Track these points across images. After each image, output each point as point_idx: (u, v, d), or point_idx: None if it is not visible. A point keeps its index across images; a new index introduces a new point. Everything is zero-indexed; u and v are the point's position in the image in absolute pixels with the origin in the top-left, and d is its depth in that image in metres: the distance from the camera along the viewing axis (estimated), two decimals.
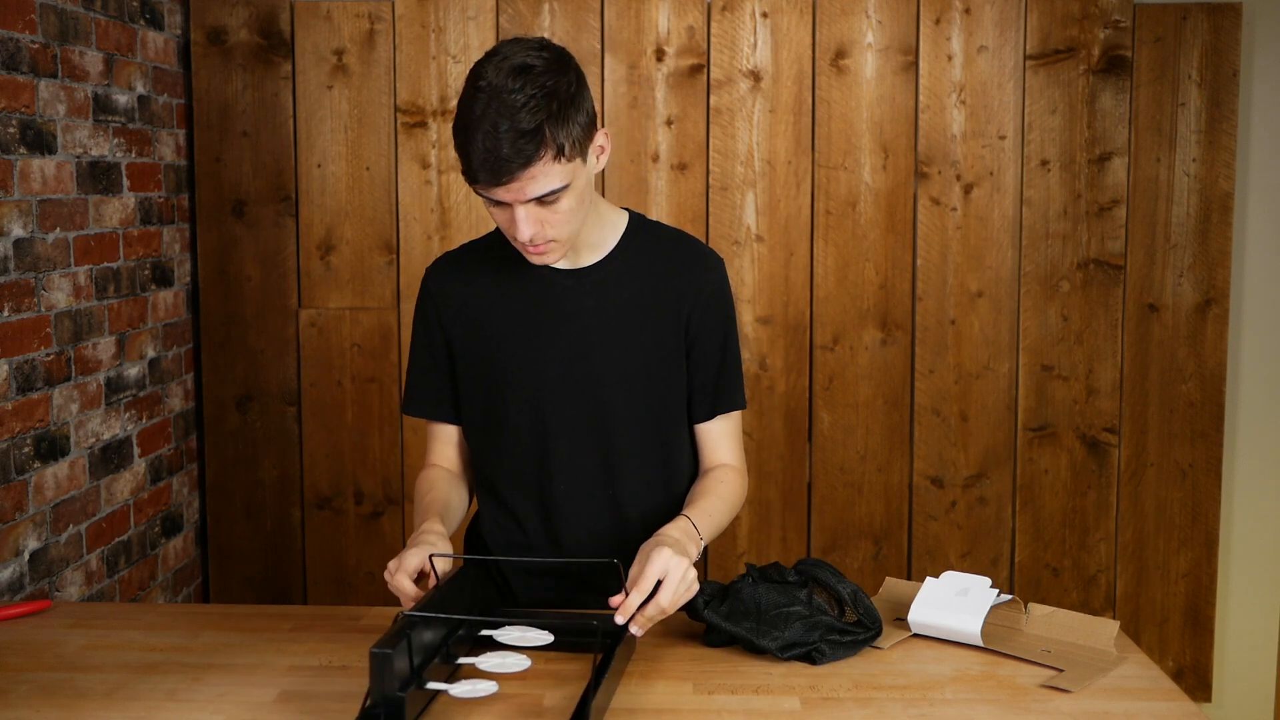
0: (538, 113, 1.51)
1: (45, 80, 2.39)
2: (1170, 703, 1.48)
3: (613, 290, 1.74)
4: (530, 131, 1.51)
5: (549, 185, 1.55)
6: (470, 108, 1.54)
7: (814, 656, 1.59)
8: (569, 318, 1.74)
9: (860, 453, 3.13)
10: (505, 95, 1.51)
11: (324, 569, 3.15)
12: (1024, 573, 3.16)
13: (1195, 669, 3.19)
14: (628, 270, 1.75)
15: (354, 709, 1.44)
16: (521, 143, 1.51)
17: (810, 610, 1.61)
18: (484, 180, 1.54)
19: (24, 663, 1.59)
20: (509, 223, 1.60)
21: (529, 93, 1.52)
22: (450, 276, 1.80)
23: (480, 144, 1.51)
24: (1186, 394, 3.12)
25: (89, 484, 2.57)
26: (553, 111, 1.53)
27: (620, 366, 1.74)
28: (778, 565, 1.71)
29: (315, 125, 3.06)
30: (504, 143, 1.50)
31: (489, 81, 1.53)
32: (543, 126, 1.51)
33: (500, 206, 1.58)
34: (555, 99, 1.53)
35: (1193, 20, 3.03)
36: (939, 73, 3.04)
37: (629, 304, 1.74)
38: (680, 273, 1.76)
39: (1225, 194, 3.08)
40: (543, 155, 1.52)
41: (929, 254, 3.08)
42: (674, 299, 1.75)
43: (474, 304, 1.77)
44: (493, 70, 1.54)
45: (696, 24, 3.03)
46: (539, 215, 1.58)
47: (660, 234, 1.80)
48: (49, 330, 2.41)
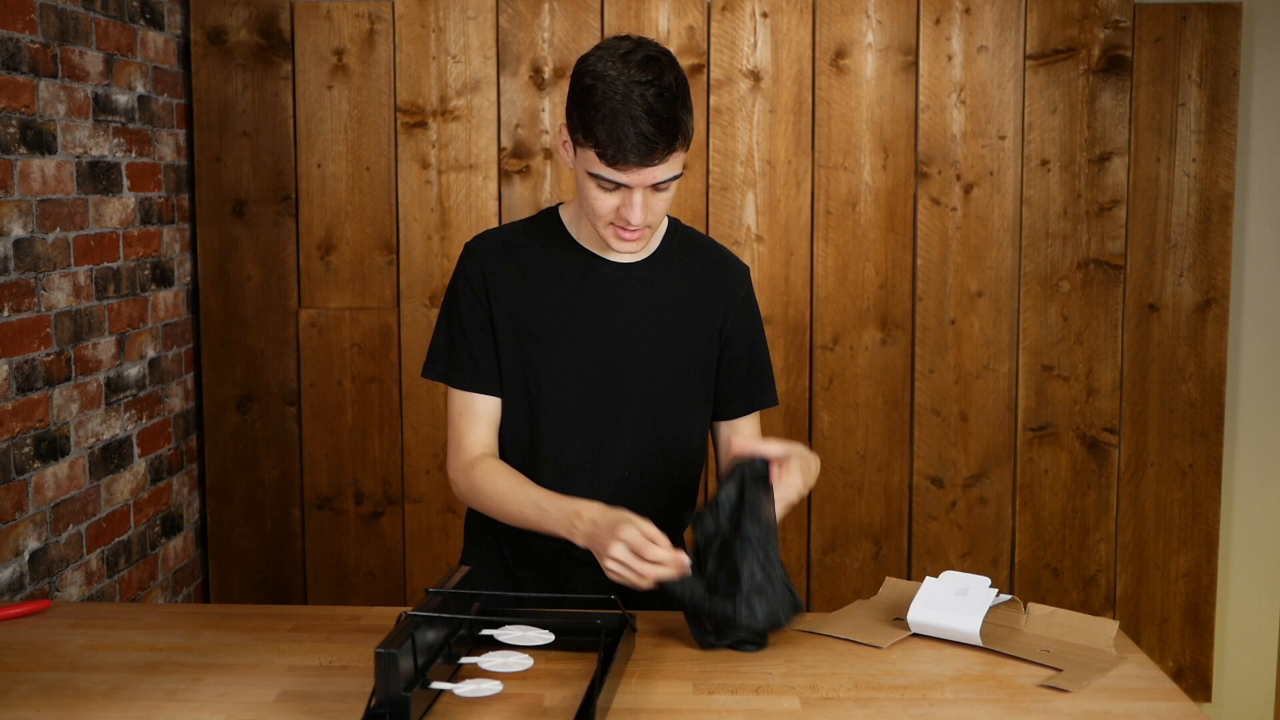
0: (674, 101, 1.60)
1: (45, 80, 2.39)
2: (1170, 703, 1.48)
3: (655, 287, 1.80)
4: (670, 120, 1.59)
5: (673, 171, 1.64)
6: (605, 93, 1.59)
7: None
8: (612, 307, 1.78)
9: (860, 453, 3.13)
10: (642, 85, 1.59)
11: (324, 569, 3.15)
12: (1024, 573, 3.16)
13: (1195, 669, 3.19)
14: (669, 271, 1.81)
15: (354, 709, 1.44)
16: (668, 126, 1.59)
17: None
18: (634, 161, 1.59)
19: (24, 663, 1.59)
20: (618, 207, 1.65)
21: (666, 82, 1.60)
22: (495, 252, 1.81)
23: (629, 127, 1.58)
24: (1186, 394, 3.12)
25: (89, 484, 2.57)
26: (683, 100, 1.62)
27: (653, 360, 1.79)
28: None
29: (315, 125, 3.06)
30: (647, 127, 1.57)
31: (622, 72, 1.60)
32: (678, 115, 1.60)
33: (613, 191, 1.64)
34: (683, 90, 1.63)
35: (1193, 20, 3.03)
36: (939, 73, 3.04)
37: (668, 302, 1.80)
38: (715, 281, 1.84)
39: (1225, 194, 3.08)
40: (680, 142, 1.62)
41: (929, 254, 3.08)
42: (709, 305, 1.82)
43: (518, 282, 1.79)
44: (621, 63, 1.61)
45: (696, 24, 3.03)
46: (649, 201, 1.65)
47: (698, 240, 1.87)
48: (49, 330, 2.41)
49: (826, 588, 3.15)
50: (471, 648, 1.56)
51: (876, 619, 1.75)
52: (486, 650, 1.53)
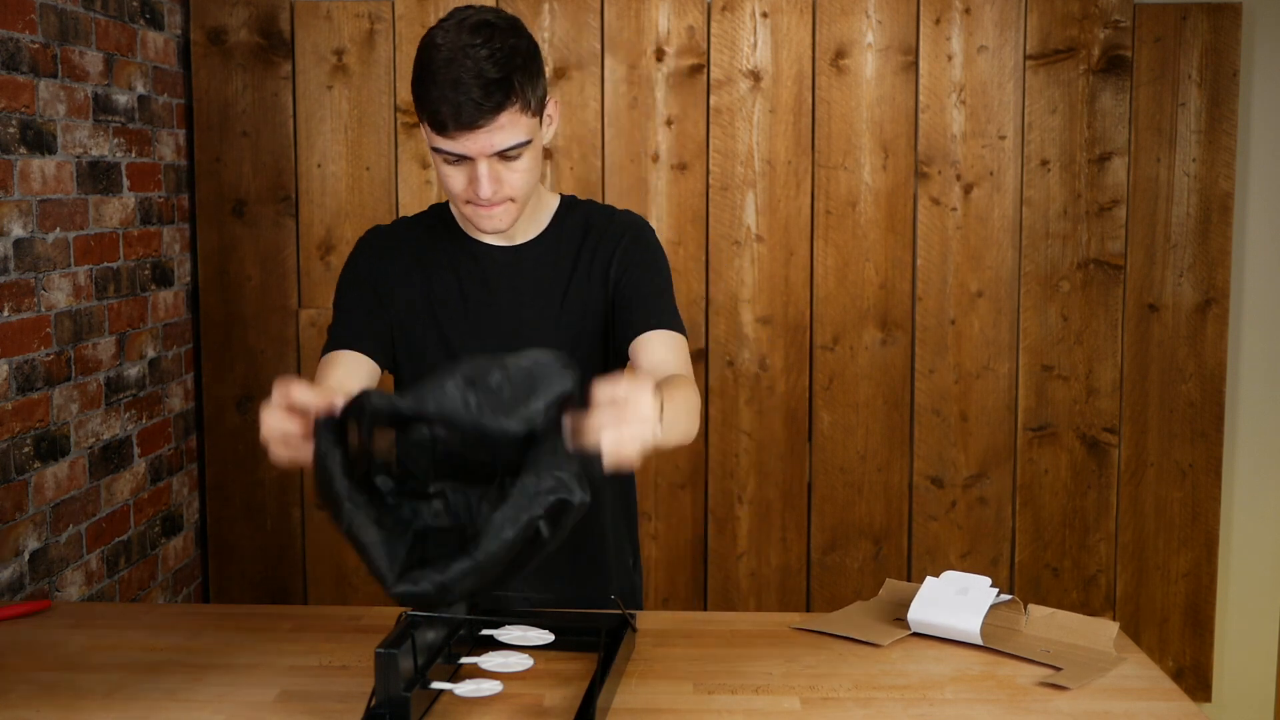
0: (505, 64, 1.53)
1: (45, 80, 2.39)
2: (1170, 703, 1.48)
3: (546, 266, 1.75)
4: (499, 80, 1.52)
5: (515, 138, 1.56)
6: (432, 59, 1.54)
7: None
8: (503, 292, 1.74)
9: (860, 453, 3.13)
10: (470, 49, 1.53)
11: (324, 569, 3.15)
12: (1024, 573, 3.16)
13: (1195, 669, 3.19)
14: (560, 245, 1.76)
15: (354, 709, 1.44)
16: (492, 88, 1.52)
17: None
18: (453, 127, 1.53)
19: (24, 663, 1.59)
20: (467, 181, 1.59)
21: (494, 45, 1.53)
22: (385, 245, 1.78)
23: (451, 91, 1.52)
24: (1186, 394, 3.12)
25: (89, 484, 2.57)
26: (518, 65, 1.55)
27: (553, 340, 1.70)
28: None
29: (315, 125, 3.06)
30: (475, 89, 1.51)
31: (450, 37, 1.54)
32: (510, 77, 1.53)
33: (458, 165, 1.58)
34: (519, 53, 1.56)
35: (1193, 20, 3.03)
36: (939, 73, 3.04)
37: (561, 277, 1.75)
38: (603, 234, 1.76)
39: (1225, 194, 3.08)
40: (512, 103, 1.54)
41: (929, 254, 3.08)
42: (600, 260, 1.75)
43: (408, 274, 1.75)
44: (452, 28, 1.55)
45: (696, 24, 3.03)
46: (498, 172, 1.58)
47: (590, 209, 1.81)
48: (49, 330, 2.41)
49: (826, 588, 3.15)
50: (471, 648, 1.56)
51: (876, 619, 1.75)
52: (486, 650, 1.53)
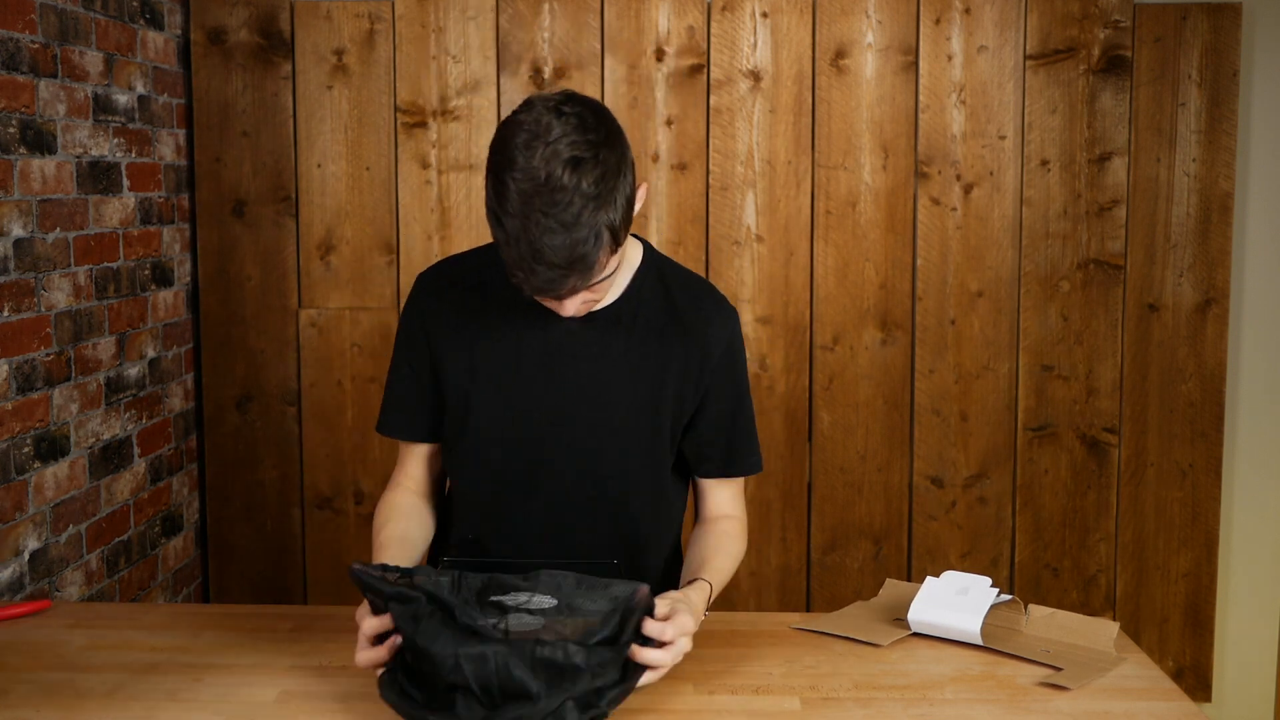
0: (595, 212, 1.37)
1: (45, 80, 2.39)
2: (1170, 703, 1.48)
3: (619, 339, 1.62)
4: (585, 239, 1.37)
5: (601, 276, 1.44)
6: (508, 205, 1.37)
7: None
8: (568, 363, 1.62)
9: (860, 453, 3.13)
10: (557, 195, 1.35)
11: (324, 569, 3.15)
12: (1024, 573, 3.16)
13: (1195, 669, 3.19)
14: (637, 319, 1.62)
15: (355, 709, 1.44)
16: (580, 251, 1.37)
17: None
18: (530, 294, 1.43)
19: (24, 663, 1.59)
20: (545, 300, 1.49)
21: (585, 191, 1.36)
22: (445, 292, 1.67)
23: (533, 259, 1.37)
24: (1186, 394, 3.12)
25: (89, 484, 2.57)
26: (609, 202, 1.38)
27: (614, 419, 1.64)
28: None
29: (315, 125, 3.06)
30: (560, 257, 1.36)
31: (534, 177, 1.36)
32: (599, 227, 1.37)
33: None
34: (610, 189, 1.38)
35: (1193, 20, 3.03)
36: (939, 73, 3.04)
37: (634, 355, 1.62)
38: (693, 328, 1.63)
39: (1225, 194, 3.08)
40: (600, 259, 1.40)
41: (929, 254, 3.08)
42: (682, 354, 1.63)
43: (467, 328, 1.64)
44: (539, 162, 1.36)
45: (696, 24, 3.03)
46: (584, 295, 1.48)
47: (675, 279, 1.67)
48: (49, 330, 2.41)
49: (826, 588, 3.15)
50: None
51: (876, 619, 1.75)
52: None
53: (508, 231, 1.39)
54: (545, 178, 1.36)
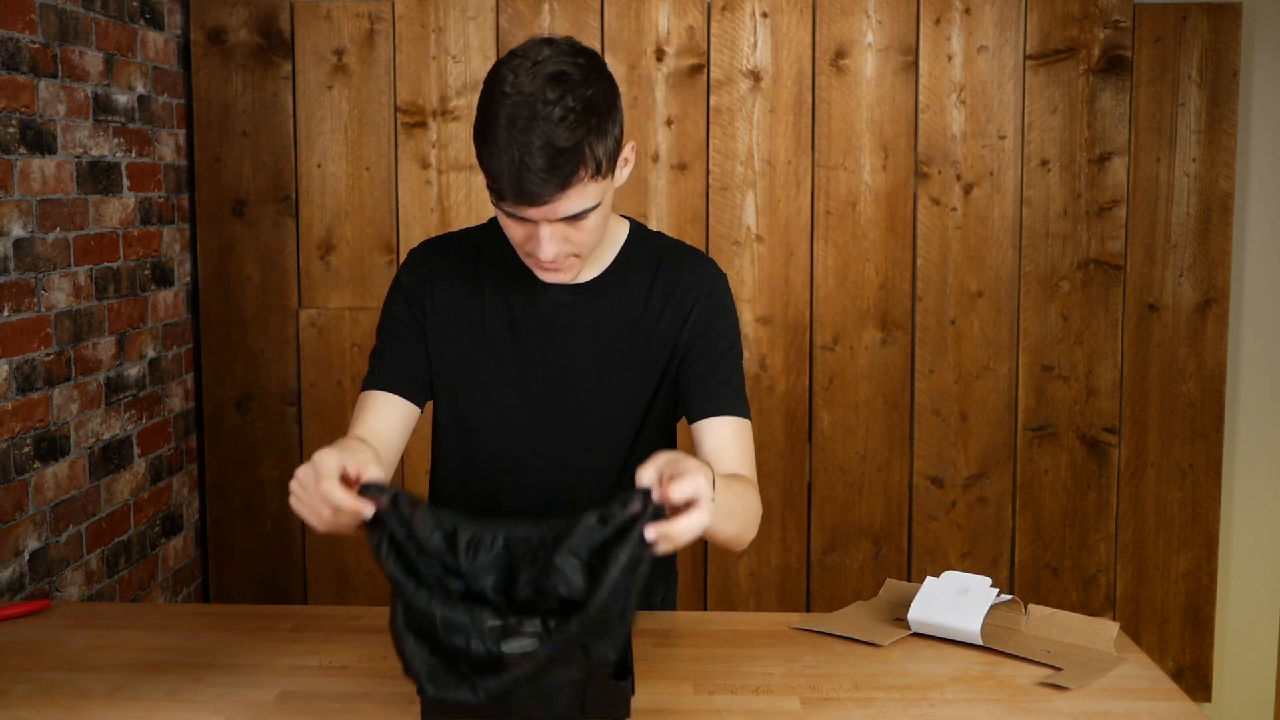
0: (577, 128, 1.38)
1: (45, 80, 2.39)
2: (1170, 703, 1.48)
3: (608, 309, 1.64)
4: (569, 149, 1.38)
5: (582, 205, 1.44)
6: (496, 112, 1.40)
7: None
8: (560, 334, 1.63)
9: (860, 453, 3.13)
10: (541, 106, 1.37)
11: (324, 569, 3.15)
12: (1024, 573, 3.16)
13: (1195, 669, 3.19)
14: (625, 287, 1.64)
15: (354, 709, 1.44)
16: (560, 160, 1.38)
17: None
18: (513, 200, 1.41)
19: (24, 663, 1.59)
20: (528, 239, 1.49)
21: (568, 105, 1.38)
22: (436, 267, 1.67)
23: (512, 162, 1.38)
24: (1186, 394, 3.12)
25: (89, 484, 2.57)
26: (592, 125, 1.40)
27: (607, 388, 1.64)
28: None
29: (315, 125, 3.06)
30: (540, 161, 1.37)
31: (520, 89, 1.39)
32: (582, 144, 1.39)
33: (520, 222, 1.47)
34: (594, 112, 1.40)
35: (1193, 20, 3.03)
36: (939, 73, 3.04)
37: (624, 323, 1.64)
38: (677, 285, 1.65)
39: (1225, 194, 3.08)
40: (580, 175, 1.41)
41: (929, 254, 3.08)
42: (670, 313, 1.65)
43: (458, 303, 1.65)
44: (525, 74, 1.40)
45: (696, 24, 3.03)
46: (564, 233, 1.47)
47: (660, 247, 1.69)
48: (49, 330, 2.41)
49: (826, 588, 3.15)
50: None
51: (876, 619, 1.75)
52: None
53: (493, 140, 1.40)
54: (531, 91, 1.39)
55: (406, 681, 1.49)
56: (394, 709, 1.44)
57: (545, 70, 1.40)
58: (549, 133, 1.38)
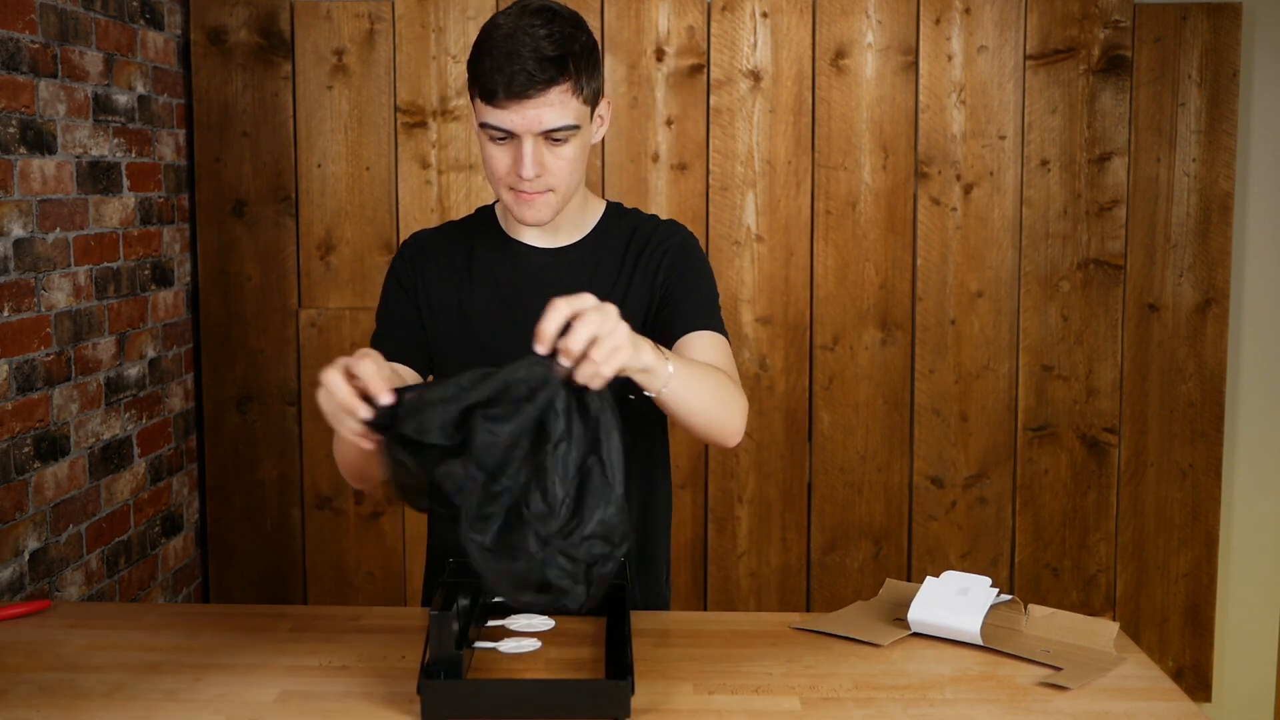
0: (562, 45, 1.55)
1: (45, 80, 2.39)
2: (1170, 703, 1.48)
3: (587, 269, 1.74)
4: (555, 58, 1.54)
5: (564, 118, 1.57)
6: (491, 35, 1.56)
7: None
8: (541, 294, 1.64)
9: (860, 453, 3.13)
10: (530, 28, 1.55)
11: (324, 569, 3.15)
12: (1024, 573, 3.16)
13: (1195, 669, 3.19)
14: (603, 251, 1.76)
15: (354, 709, 1.44)
16: (547, 63, 1.54)
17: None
18: (504, 95, 1.54)
19: (24, 663, 1.59)
20: (511, 161, 1.59)
21: (554, 28, 1.56)
22: (427, 252, 1.79)
23: (505, 62, 1.53)
24: (1186, 394, 3.12)
25: (89, 484, 2.57)
26: (576, 49, 1.56)
27: None
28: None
29: (315, 125, 3.06)
30: (530, 60, 1.53)
31: (511, 19, 1.57)
32: (566, 57, 1.55)
33: (504, 144, 1.58)
34: (578, 40, 1.58)
35: (1193, 20, 3.03)
36: (939, 73, 3.04)
37: (603, 283, 1.73)
38: (648, 242, 1.76)
39: (1225, 194, 3.08)
40: (564, 82, 1.55)
41: (929, 254, 3.08)
42: (645, 269, 1.74)
43: (449, 280, 1.76)
44: (515, 11, 1.58)
45: (696, 24, 3.03)
46: (543, 155, 1.59)
47: (638, 217, 1.81)
48: (49, 330, 2.41)
49: (826, 588, 3.15)
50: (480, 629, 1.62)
51: (876, 619, 1.75)
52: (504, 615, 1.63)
53: (489, 50, 1.55)
54: (521, 22, 1.56)
55: (406, 681, 1.49)
56: (394, 709, 1.44)
57: (533, 6, 1.59)
58: (537, 43, 1.55)
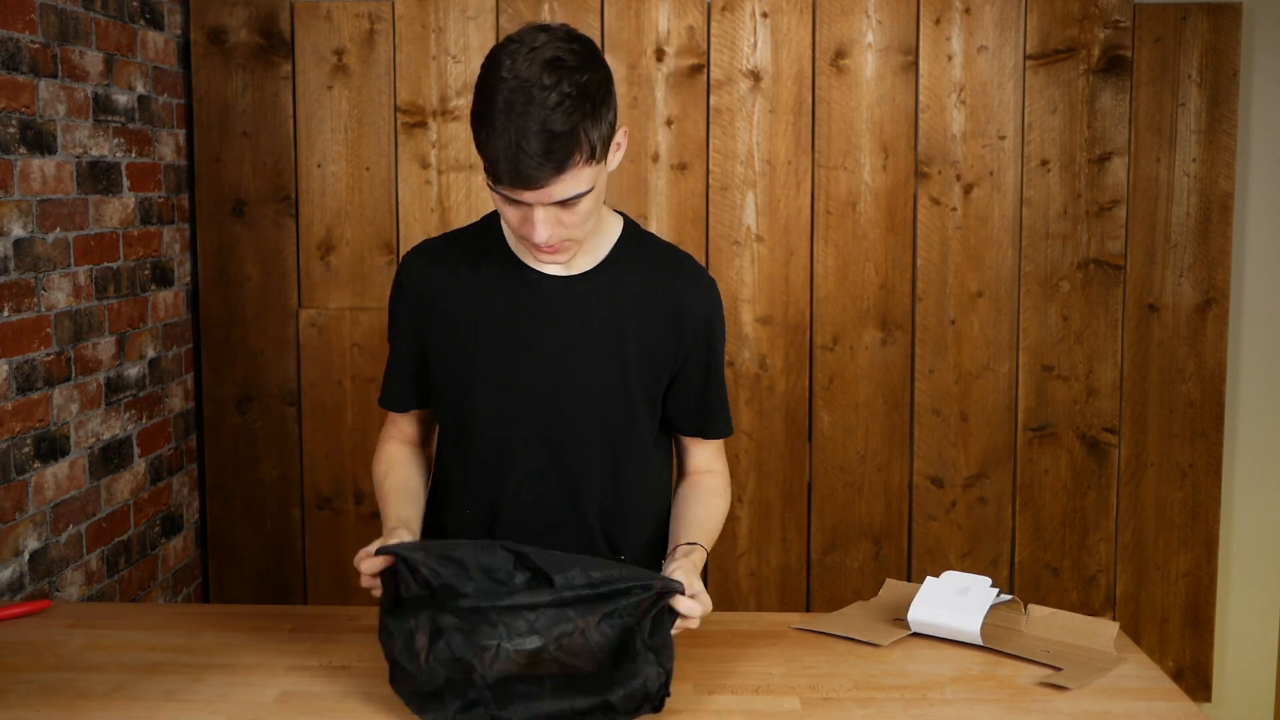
0: (573, 113, 1.42)
1: (45, 80, 2.39)
2: (1170, 703, 1.48)
3: (601, 302, 1.65)
4: (564, 134, 1.41)
5: (576, 189, 1.47)
6: (494, 101, 1.43)
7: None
8: (552, 325, 1.65)
9: (860, 453, 3.13)
10: (536, 91, 1.41)
11: (324, 569, 3.15)
12: (1024, 573, 3.16)
13: (1195, 669, 3.19)
14: (618, 282, 1.66)
15: (354, 709, 1.44)
16: (555, 145, 1.41)
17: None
18: (508, 182, 1.44)
19: (24, 663, 1.59)
20: (523, 223, 1.51)
21: (564, 90, 1.42)
22: (429, 269, 1.70)
23: (509, 146, 1.41)
24: (1186, 394, 3.12)
25: (89, 484, 2.57)
26: (587, 111, 1.43)
27: (597, 379, 1.66)
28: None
29: (315, 125, 3.06)
30: (536, 145, 1.41)
31: (517, 74, 1.43)
32: (577, 128, 1.42)
33: (515, 205, 1.50)
34: (590, 98, 1.44)
35: (1193, 20, 3.03)
36: (939, 73, 3.04)
37: (615, 317, 1.65)
38: (671, 298, 1.67)
39: (1225, 194, 3.08)
40: (575, 160, 1.44)
41: (929, 254, 3.08)
42: (661, 323, 1.67)
43: (453, 300, 1.68)
44: (522, 59, 1.44)
45: (696, 24, 3.03)
46: (558, 216, 1.49)
47: (655, 248, 1.71)
48: (49, 330, 2.41)
49: (826, 588, 3.15)
50: None
51: (876, 619, 1.75)
52: None
53: (490, 125, 1.44)
54: (528, 76, 1.43)
55: None
56: (394, 709, 1.45)
57: (542, 56, 1.44)
58: (545, 117, 1.41)
